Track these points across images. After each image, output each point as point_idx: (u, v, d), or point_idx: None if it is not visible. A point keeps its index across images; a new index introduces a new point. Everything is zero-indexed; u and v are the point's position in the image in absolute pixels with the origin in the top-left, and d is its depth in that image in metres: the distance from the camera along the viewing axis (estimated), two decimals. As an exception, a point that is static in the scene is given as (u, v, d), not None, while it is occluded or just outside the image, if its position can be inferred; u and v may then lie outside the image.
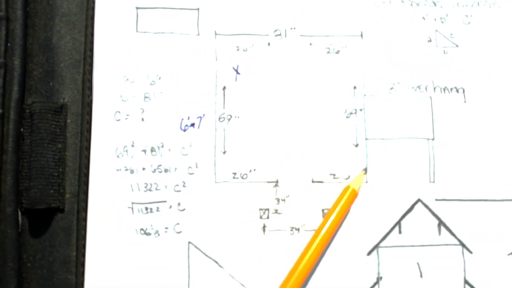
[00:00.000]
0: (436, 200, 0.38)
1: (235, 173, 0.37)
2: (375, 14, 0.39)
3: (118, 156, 0.37)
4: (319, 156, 0.38)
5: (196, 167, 0.37)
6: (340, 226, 0.37)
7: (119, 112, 0.37)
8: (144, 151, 0.37)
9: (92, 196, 0.36)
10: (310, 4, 0.39)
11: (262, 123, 0.38)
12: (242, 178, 0.37)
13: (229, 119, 0.38)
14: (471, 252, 0.37)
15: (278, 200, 0.37)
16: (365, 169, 0.37)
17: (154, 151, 0.37)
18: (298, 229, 0.37)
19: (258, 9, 0.39)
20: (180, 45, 0.38)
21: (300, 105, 0.38)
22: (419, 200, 0.38)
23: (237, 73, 0.38)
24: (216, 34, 0.38)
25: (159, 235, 0.36)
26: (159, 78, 0.38)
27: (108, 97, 0.37)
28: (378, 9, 0.39)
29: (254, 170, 0.37)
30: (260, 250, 0.37)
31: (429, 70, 0.39)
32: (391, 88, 0.39)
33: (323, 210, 0.37)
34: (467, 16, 0.40)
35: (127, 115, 0.37)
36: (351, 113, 0.38)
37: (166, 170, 0.37)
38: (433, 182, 0.38)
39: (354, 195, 0.37)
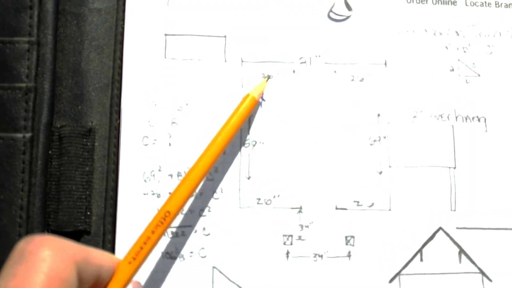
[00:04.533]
0: (457, 228, 0.38)
1: (259, 199, 0.38)
2: (399, 43, 0.40)
3: (145, 181, 0.37)
4: (343, 183, 0.38)
5: (221, 192, 0.37)
6: (236, 133, 0.37)
7: (147, 137, 0.38)
8: (171, 175, 0.37)
9: (120, 219, 0.37)
10: (335, 33, 0.40)
11: (286, 149, 0.38)
12: (266, 203, 0.37)
13: (254, 145, 0.38)
14: (491, 281, 0.38)
15: (301, 226, 0.37)
16: (268, 76, 0.38)
17: (181, 176, 0.37)
18: (321, 256, 0.37)
19: (284, 37, 0.39)
20: (207, 71, 0.39)
21: (324, 132, 0.38)
22: (440, 228, 0.38)
23: (262, 99, 0.39)
24: (242, 61, 0.39)
25: (184, 259, 0.37)
26: (187, 104, 0.38)
27: (136, 122, 0.38)
28: (402, 38, 0.40)
29: (278, 196, 0.38)
30: (284, 276, 0.37)
31: (452, 99, 0.39)
32: (414, 117, 0.39)
33: (346, 237, 0.37)
34: (489, 46, 0.40)
35: (155, 140, 0.38)
36: (375, 141, 0.39)
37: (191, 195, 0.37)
38: (454, 210, 0.38)
39: (253, 102, 0.37)
